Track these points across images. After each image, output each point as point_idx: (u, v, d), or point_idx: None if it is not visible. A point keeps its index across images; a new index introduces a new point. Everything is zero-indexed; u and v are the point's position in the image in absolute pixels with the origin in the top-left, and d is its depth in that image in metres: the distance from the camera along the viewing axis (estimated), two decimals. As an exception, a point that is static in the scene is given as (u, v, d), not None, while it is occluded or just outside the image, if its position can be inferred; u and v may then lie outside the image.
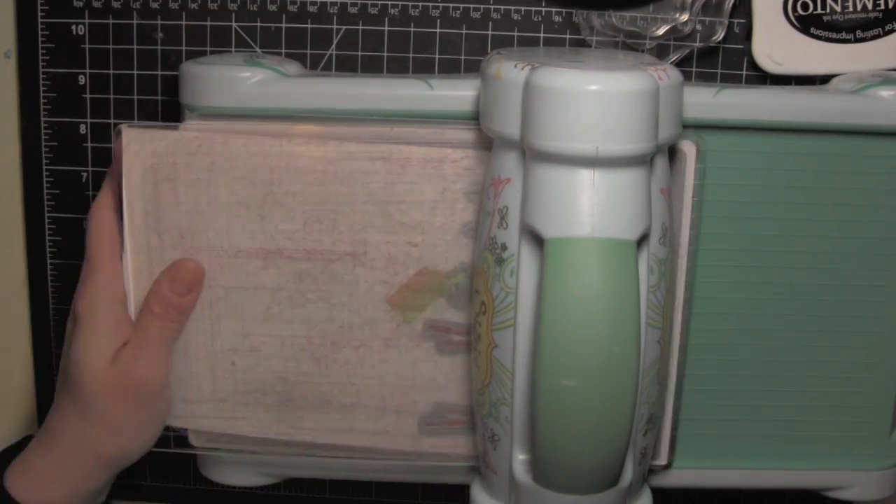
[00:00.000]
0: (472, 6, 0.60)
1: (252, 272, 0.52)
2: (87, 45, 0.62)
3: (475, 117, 0.50)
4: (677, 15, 0.59)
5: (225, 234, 0.51)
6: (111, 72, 0.62)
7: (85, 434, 0.51)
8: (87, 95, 0.63)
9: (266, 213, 0.51)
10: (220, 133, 0.51)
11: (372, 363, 0.53)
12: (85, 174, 0.64)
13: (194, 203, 0.51)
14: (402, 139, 0.51)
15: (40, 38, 0.62)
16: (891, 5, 0.58)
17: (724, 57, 0.60)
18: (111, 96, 0.63)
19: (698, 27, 0.59)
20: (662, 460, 0.55)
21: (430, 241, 0.51)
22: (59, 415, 0.52)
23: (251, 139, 0.51)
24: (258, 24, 0.61)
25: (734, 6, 0.59)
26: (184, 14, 0.61)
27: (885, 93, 0.52)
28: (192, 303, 0.52)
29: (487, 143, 0.49)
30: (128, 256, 0.52)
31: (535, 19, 0.60)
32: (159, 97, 0.62)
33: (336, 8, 0.61)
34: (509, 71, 0.45)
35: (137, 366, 0.51)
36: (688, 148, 0.51)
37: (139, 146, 0.51)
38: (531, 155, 0.44)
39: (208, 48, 0.62)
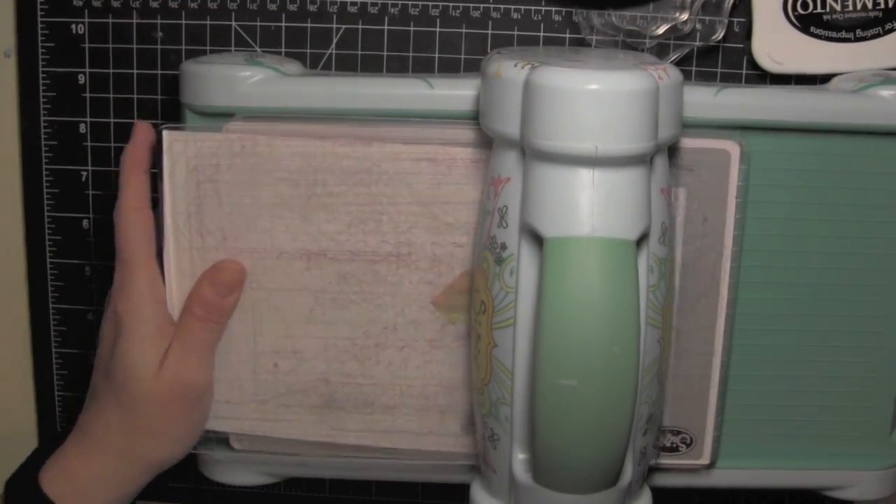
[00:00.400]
0: (471, 5, 0.60)
1: (295, 274, 0.52)
2: (86, 45, 0.62)
3: (475, 117, 0.50)
4: (677, 14, 0.59)
5: (268, 236, 0.51)
6: (111, 71, 0.62)
7: (132, 440, 0.51)
8: (87, 94, 0.63)
9: (309, 215, 0.51)
10: (264, 134, 0.50)
11: (416, 364, 0.53)
12: (85, 173, 0.64)
13: (237, 204, 0.51)
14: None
15: (40, 38, 0.62)
16: (891, 5, 0.57)
17: (724, 56, 0.60)
18: (111, 95, 0.63)
19: (698, 26, 0.59)
20: (705, 459, 0.55)
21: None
22: (103, 421, 0.51)
23: (295, 140, 0.50)
24: (258, 24, 0.61)
25: (734, 5, 0.59)
26: (183, 13, 0.61)
27: (885, 93, 0.52)
28: (234, 304, 0.52)
29: (487, 143, 0.49)
30: (170, 257, 0.51)
31: (535, 18, 0.60)
32: (159, 96, 0.62)
33: (336, 7, 0.61)
34: (509, 70, 0.45)
35: (185, 371, 0.50)
36: (731, 148, 0.51)
37: (182, 147, 0.50)
38: (531, 154, 0.44)
39: (208, 47, 0.62)
